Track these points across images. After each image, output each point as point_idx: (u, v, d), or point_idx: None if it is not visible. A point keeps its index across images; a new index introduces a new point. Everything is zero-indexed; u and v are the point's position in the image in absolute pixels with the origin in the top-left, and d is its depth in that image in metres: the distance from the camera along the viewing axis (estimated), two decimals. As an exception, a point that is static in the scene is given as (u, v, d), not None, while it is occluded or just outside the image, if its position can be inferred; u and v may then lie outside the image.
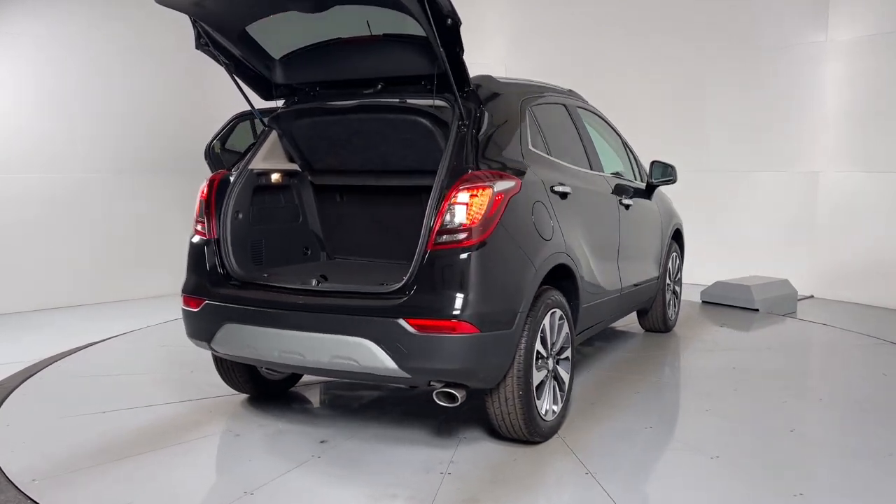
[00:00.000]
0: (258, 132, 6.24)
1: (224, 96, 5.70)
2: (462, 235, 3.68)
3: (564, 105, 5.24)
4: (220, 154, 6.15)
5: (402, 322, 3.63)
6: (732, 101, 9.14)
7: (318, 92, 4.63)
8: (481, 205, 3.71)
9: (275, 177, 4.76)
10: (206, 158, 6.23)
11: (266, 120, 4.72)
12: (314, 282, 4.03)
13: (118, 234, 8.22)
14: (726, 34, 9.08)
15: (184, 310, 4.37)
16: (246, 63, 4.52)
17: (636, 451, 4.03)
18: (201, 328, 4.25)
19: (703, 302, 8.03)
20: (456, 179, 3.77)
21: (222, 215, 4.35)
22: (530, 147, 4.39)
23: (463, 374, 3.71)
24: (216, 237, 4.32)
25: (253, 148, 4.67)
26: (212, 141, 6.17)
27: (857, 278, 8.25)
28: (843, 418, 4.65)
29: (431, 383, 3.80)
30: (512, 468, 3.79)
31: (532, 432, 3.98)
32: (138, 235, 8.32)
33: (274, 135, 4.68)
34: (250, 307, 4.04)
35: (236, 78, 4.56)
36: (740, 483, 3.59)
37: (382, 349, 3.66)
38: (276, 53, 4.53)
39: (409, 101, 4.21)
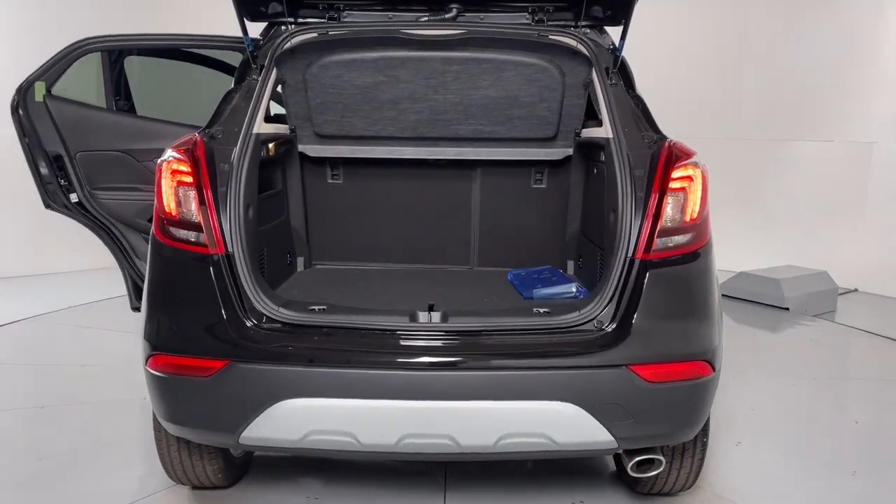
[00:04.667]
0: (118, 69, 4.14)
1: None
2: (685, 237, 2.59)
3: None
4: (46, 102, 3.83)
5: (628, 371, 2.42)
6: (771, 57, 7.48)
7: (338, 13, 2.99)
8: (701, 192, 2.63)
9: (271, 146, 3.00)
10: (13, 112, 3.84)
11: (266, 55, 2.92)
12: (421, 315, 2.54)
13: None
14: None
15: (165, 379, 2.51)
16: None
17: (786, 480, 3.37)
18: (222, 410, 2.47)
19: (723, 296, 7.07)
20: (658, 155, 2.62)
21: (230, 213, 2.56)
22: None
23: (684, 432, 2.64)
24: (226, 251, 2.53)
25: (237, 98, 2.86)
26: (30, 83, 3.81)
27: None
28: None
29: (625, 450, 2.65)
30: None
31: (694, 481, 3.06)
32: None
33: (270, 84, 2.93)
34: (333, 368, 2.42)
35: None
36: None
37: (592, 415, 2.41)
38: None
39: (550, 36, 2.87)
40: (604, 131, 2.82)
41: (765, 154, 7.70)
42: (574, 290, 2.96)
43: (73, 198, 3.97)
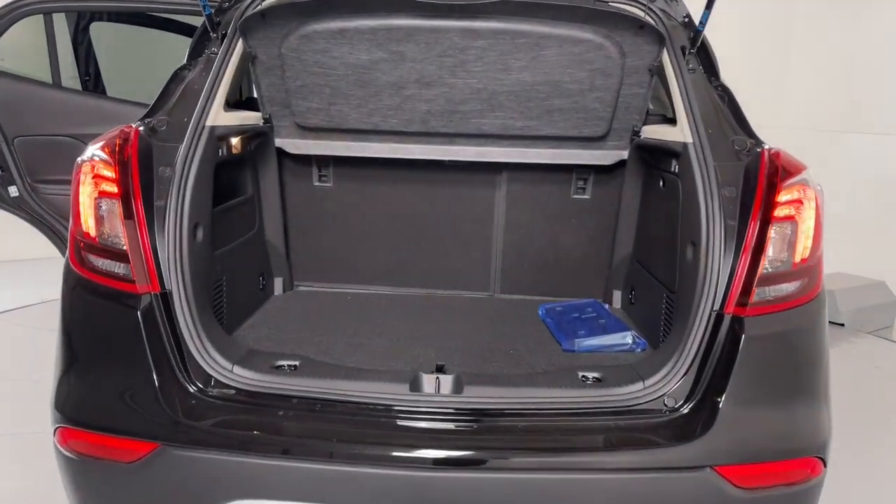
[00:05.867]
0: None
1: None
2: (794, 285, 1.90)
3: None
4: (-22, 77, 3.17)
5: (713, 474, 1.74)
6: (826, 36, 6.63)
7: None
8: (814, 222, 1.93)
9: (235, 142, 2.31)
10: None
11: (230, 23, 2.22)
12: (426, 382, 1.86)
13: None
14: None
15: (76, 461, 1.87)
16: None
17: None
18: None
19: None
20: (757, 168, 1.93)
21: (169, 236, 1.88)
22: None
23: None
24: (161, 289, 1.85)
25: (190, 79, 2.17)
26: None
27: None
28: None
29: None
30: None
31: None
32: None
33: (238, 59, 2.23)
34: (301, 461, 1.75)
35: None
36: None
37: None
38: None
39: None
40: (678, 133, 2.12)
41: (816, 147, 6.55)
42: (630, 340, 2.27)
43: (13, 191, 3.31)
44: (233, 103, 2.52)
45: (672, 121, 2.44)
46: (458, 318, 2.58)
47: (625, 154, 2.54)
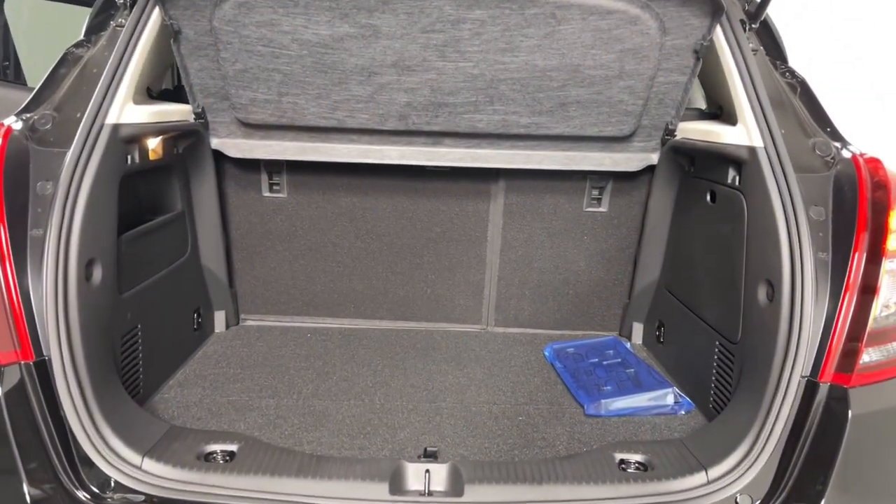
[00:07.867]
0: None
1: None
2: None
3: None
4: None
5: None
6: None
7: None
8: None
9: (153, 145, 1.75)
10: None
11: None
12: (411, 476, 1.35)
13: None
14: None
15: None
16: None
17: None
18: None
19: None
20: (853, 181, 1.46)
21: (48, 279, 1.33)
22: None
23: None
24: (34, 357, 1.31)
25: (85, 61, 1.63)
26: None
27: None
28: None
29: None
30: None
31: None
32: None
33: (155, 35, 1.66)
34: None
35: None
36: None
37: None
38: None
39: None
40: (741, 134, 1.62)
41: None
42: (671, 400, 1.77)
43: None
44: (158, 93, 1.97)
45: (715, 116, 1.96)
46: (446, 364, 2.06)
47: (654, 158, 2.04)
